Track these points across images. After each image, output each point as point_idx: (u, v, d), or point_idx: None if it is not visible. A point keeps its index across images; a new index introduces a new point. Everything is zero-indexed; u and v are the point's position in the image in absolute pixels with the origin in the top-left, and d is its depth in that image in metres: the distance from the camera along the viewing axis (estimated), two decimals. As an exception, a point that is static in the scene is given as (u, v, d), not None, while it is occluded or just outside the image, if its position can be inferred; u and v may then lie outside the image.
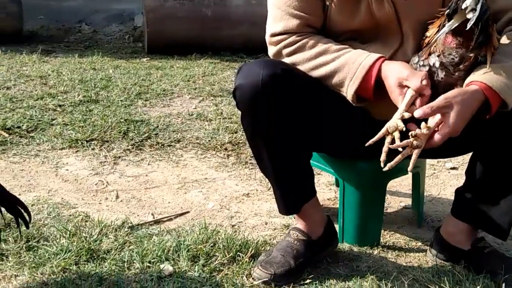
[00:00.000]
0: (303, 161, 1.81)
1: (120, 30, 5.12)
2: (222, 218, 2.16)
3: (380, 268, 1.83)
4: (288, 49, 1.71)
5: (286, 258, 1.76)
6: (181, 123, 2.99)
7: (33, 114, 2.94)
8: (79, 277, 1.71)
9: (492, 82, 1.54)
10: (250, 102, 1.67)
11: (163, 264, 1.79)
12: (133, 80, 3.59)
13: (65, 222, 2.03)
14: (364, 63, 1.63)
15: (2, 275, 1.72)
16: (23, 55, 4.04)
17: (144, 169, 2.53)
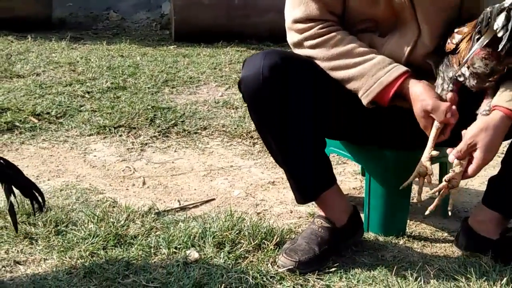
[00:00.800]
0: (315, 149, 1.80)
1: (147, 17, 5.14)
2: (247, 205, 2.17)
3: (406, 258, 1.82)
4: (310, 41, 1.70)
5: (311, 245, 1.76)
6: (207, 111, 3.00)
7: (62, 101, 2.98)
8: (107, 262, 1.73)
9: None
10: (252, 94, 1.68)
11: (189, 250, 1.81)
12: (160, 68, 3.61)
13: (93, 207, 2.05)
14: (382, 80, 1.64)
15: (32, 259, 1.75)
16: (52, 42, 4.08)
17: (170, 156, 2.55)
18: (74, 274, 1.68)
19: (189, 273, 1.68)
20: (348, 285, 1.68)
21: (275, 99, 1.67)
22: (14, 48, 3.86)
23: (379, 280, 1.70)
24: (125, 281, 1.66)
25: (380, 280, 1.70)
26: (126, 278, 1.67)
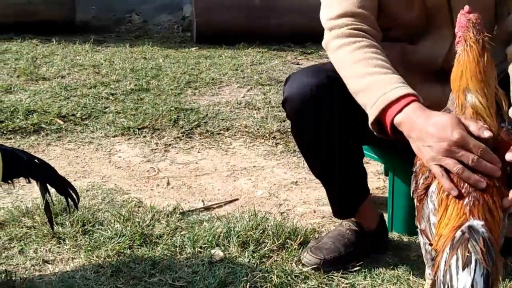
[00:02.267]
0: (356, 164, 1.79)
1: (169, 20, 5.16)
2: (270, 205, 2.16)
3: (426, 258, 1.82)
4: (338, 40, 1.58)
5: (336, 245, 1.77)
6: (230, 112, 3.00)
7: (86, 102, 3.00)
8: (133, 261, 1.75)
9: None
10: (299, 112, 1.66)
11: (213, 249, 1.81)
12: (183, 69, 3.62)
13: (118, 207, 2.07)
14: (386, 97, 1.43)
15: (60, 258, 1.77)
16: (76, 45, 4.12)
17: (194, 157, 2.56)
18: (101, 273, 1.69)
19: (214, 272, 1.70)
20: (373, 284, 1.68)
21: (321, 118, 1.65)
22: (39, 51, 3.90)
23: (404, 280, 1.69)
24: (152, 279, 1.67)
25: (404, 280, 1.69)
26: (153, 277, 1.68)
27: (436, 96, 1.66)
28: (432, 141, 1.32)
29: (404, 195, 1.93)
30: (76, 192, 1.52)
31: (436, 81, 1.72)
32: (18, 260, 1.75)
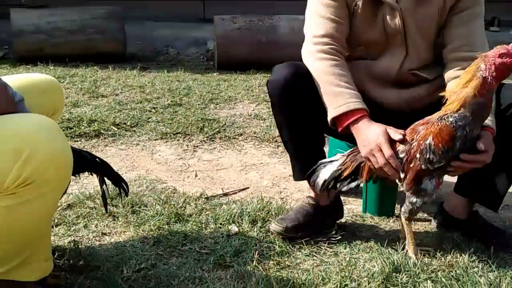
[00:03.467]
0: (315, 143, 1.75)
1: (196, 52, 5.17)
2: (273, 192, 2.16)
3: (395, 233, 1.81)
4: (321, 54, 1.63)
5: (297, 215, 1.75)
6: (242, 121, 3.00)
7: (134, 114, 3.01)
8: (169, 234, 1.76)
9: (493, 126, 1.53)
10: (277, 92, 1.67)
11: (230, 225, 1.82)
12: (207, 89, 3.62)
13: (158, 193, 2.07)
14: (350, 105, 1.57)
15: (114, 231, 1.79)
16: (126, 71, 4.13)
17: (215, 155, 2.56)
18: (145, 243, 1.70)
19: (231, 243, 1.70)
20: (351, 252, 1.68)
21: (291, 97, 1.65)
22: (99, 75, 3.91)
23: (375, 249, 1.69)
24: (183, 248, 1.68)
25: (375, 249, 1.69)
26: (184, 246, 1.69)
27: (392, 97, 1.74)
28: (364, 144, 1.54)
29: (375, 186, 1.93)
30: (126, 184, 1.53)
31: (392, 87, 1.73)
32: (83, 232, 1.76)
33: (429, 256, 1.64)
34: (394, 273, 1.53)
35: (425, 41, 1.67)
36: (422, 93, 1.72)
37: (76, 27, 4.36)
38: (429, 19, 1.64)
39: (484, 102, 1.42)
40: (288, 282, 1.48)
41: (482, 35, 1.64)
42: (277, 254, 1.65)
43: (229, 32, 4.37)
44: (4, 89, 1.24)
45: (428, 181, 1.53)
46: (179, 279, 1.50)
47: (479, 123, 1.46)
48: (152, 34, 5.44)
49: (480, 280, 1.50)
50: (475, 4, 1.63)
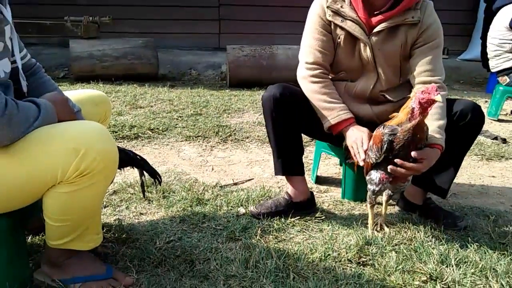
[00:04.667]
0: (293, 144, 1.74)
1: (213, 73, 5.15)
2: (272, 182, 2.15)
3: (366, 215, 1.79)
4: (313, 78, 1.66)
5: (271, 205, 1.74)
6: (248, 127, 2.99)
7: (165, 121, 2.99)
8: (192, 214, 1.75)
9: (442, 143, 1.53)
10: (268, 107, 1.68)
11: (239, 208, 1.81)
12: (221, 103, 3.61)
13: (183, 182, 2.07)
14: (342, 116, 1.62)
15: (149, 212, 1.78)
16: (159, 88, 4.12)
17: (227, 154, 2.56)
18: (173, 221, 1.70)
19: (240, 221, 1.69)
20: (333, 229, 1.67)
21: (280, 111, 1.66)
22: (137, 91, 3.90)
23: (351, 227, 1.69)
24: (203, 225, 1.68)
25: (352, 227, 1.69)
26: (203, 224, 1.69)
27: (367, 111, 1.75)
28: (351, 141, 1.61)
29: (351, 176, 1.92)
30: (160, 176, 1.53)
31: (366, 103, 1.74)
32: (125, 213, 1.76)
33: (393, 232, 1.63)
34: (366, 245, 1.53)
35: (391, 68, 1.67)
36: (389, 109, 1.72)
37: (120, 54, 4.36)
38: (394, 51, 1.64)
39: (413, 124, 1.43)
40: (284, 252, 1.47)
41: (440, 63, 1.63)
42: (275, 230, 1.65)
43: (238, 58, 4.36)
44: (66, 102, 1.24)
45: (375, 172, 1.54)
46: (200, 249, 1.49)
47: (409, 138, 1.44)
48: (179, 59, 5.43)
49: (433, 251, 1.50)
50: (435, 38, 1.62)
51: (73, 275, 1.23)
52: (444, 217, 1.71)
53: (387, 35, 1.62)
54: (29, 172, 1.06)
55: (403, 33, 1.61)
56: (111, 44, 4.40)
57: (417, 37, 1.61)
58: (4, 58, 1.17)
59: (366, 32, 1.63)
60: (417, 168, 1.46)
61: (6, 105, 1.02)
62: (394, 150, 1.46)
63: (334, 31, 1.66)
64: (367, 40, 1.63)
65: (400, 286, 1.33)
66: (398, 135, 1.44)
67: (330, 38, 1.66)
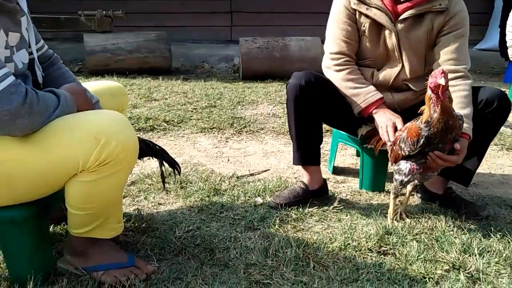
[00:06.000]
0: (314, 133, 1.72)
1: (226, 66, 5.14)
2: (288, 173, 2.15)
3: (385, 205, 1.78)
4: (337, 67, 1.67)
5: (289, 195, 1.73)
6: (263, 119, 2.98)
7: (180, 113, 3.00)
8: (210, 204, 1.75)
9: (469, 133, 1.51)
10: (293, 94, 1.66)
11: (256, 198, 1.81)
12: (235, 95, 3.60)
13: (200, 173, 2.07)
14: (369, 100, 1.63)
15: (168, 202, 1.79)
16: (172, 81, 4.13)
17: (243, 145, 2.55)
18: (191, 211, 1.70)
19: (258, 211, 1.69)
20: (351, 219, 1.66)
21: (304, 99, 1.65)
22: (152, 84, 3.92)
23: (370, 217, 1.67)
24: (221, 215, 1.68)
25: (371, 217, 1.67)
26: (221, 213, 1.69)
27: (388, 99, 1.71)
28: (382, 119, 1.61)
29: (369, 166, 1.90)
30: (179, 165, 1.53)
31: (388, 91, 1.71)
32: (144, 203, 1.77)
33: (413, 222, 1.61)
34: (386, 235, 1.51)
35: (416, 57, 1.65)
36: (410, 97, 1.70)
37: (133, 47, 4.37)
38: (419, 39, 1.61)
39: (439, 113, 1.38)
40: (303, 241, 1.47)
41: (465, 52, 1.60)
42: (293, 220, 1.64)
43: (251, 50, 4.34)
44: (84, 92, 1.24)
45: (404, 163, 1.51)
46: (219, 238, 1.49)
47: (443, 128, 1.41)
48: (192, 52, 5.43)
49: (455, 240, 1.47)
50: (461, 27, 1.59)
51: (95, 263, 1.24)
52: (465, 206, 1.68)
53: (413, 22, 1.59)
54: (51, 162, 1.07)
55: (429, 20, 1.59)
56: (125, 37, 4.42)
57: (444, 24, 1.58)
58: (22, 49, 1.17)
59: (392, 19, 1.60)
60: (454, 160, 1.45)
61: (27, 94, 1.02)
62: (432, 144, 1.43)
63: (359, 19, 1.65)
64: (392, 27, 1.61)
65: (422, 275, 1.31)
66: (433, 130, 1.40)
67: (355, 28, 1.65)
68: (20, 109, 1.00)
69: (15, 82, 1.01)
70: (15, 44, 1.14)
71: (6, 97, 0.98)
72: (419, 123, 1.44)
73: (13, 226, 1.18)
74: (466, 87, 1.54)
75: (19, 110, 1.00)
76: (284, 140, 2.62)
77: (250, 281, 1.27)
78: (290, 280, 1.28)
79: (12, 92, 0.99)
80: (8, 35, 1.10)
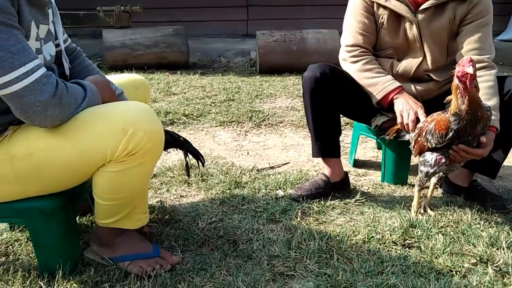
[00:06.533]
0: (332, 125, 1.71)
1: (242, 60, 5.13)
2: (308, 166, 2.13)
3: (408, 198, 1.76)
4: (353, 58, 1.65)
5: (310, 187, 1.72)
6: (282, 112, 2.97)
7: (199, 107, 3.01)
8: (231, 196, 1.75)
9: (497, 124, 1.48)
10: (307, 85, 1.64)
11: (277, 190, 1.81)
12: (253, 88, 3.59)
13: (221, 166, 2.07)
14: (387, 88, 1.61)
15: (190, 194, 1.80)
16: (190, 75, 4.14)
17: (262, 138, 2.55)
18: (213, 203, 1.71)
19: (279, 203, 1.69)
20: (374, 212, 1.64)
21: (320, 91, 1.63)
22: (170, 79, 3.94)
23: (394, 210, 1.65)
24: (243, 207, 1.68)
25: (394, 210, 1.65)
26: (243, 206, 1.69)
27: (409, 89, 1.68)
28: (404, 105, 1.58)
29: (392, 159, 1.88)
30: (203, 157, 1.54)
31: (410, 81, 1.69)
32: (166, 195, 1.79)
33: (437, 215, 1.58)
34: (411, 228, 1.49)
35: (438, 47, 1.61)
36: (432, 87, 1.67)
37: (151, 42, 4.40)
38: (441, 29, 1.58)
39: (467, 105, 1.35)
40: (326, 234, 1.46)
41: (489, 41, 1.56)
42: (315, 212, 1.63)
43: (268, 43, 4.31)
44: (108, 84, 1.26)
45: (430, 154, 1.48)
46: (241, 230, 1.50)
47: (472, 120, 1.37)
48: (208, 47, 5.44)
49: (482, 234, 1.44)
50: (484, 15, 1.55)
51: (122, 253, 1.26)
52: (491, 199, 1.64)
53: (435, 12, 1.56)
54: (80, 152, 1.08)
55: (451, 10, 1.55)
56: (143, 33, 4.45)
57: (466, 13, 1.54)
58: (49, 42, 1.19)
59: (412, 10, 1.57)
60: (480, 153, 1.42)
61: (57, 86, 1.04)
62: (462, 137, 1.40)
63: (377, 11, 1.62)
64: (413, 18, 1.57)
65: (449, 268, 1.29)
66: (462, 123, 1.37)
67: (372, 20, 1.63)
68: (51, 100, 1.02)
69: (46, 73, 1.03)
70: (44, 36, 1.15)
71: (38, 87, 1.00)
72: (448, 115, 1.40)
73: (42, 216, 1.20)
74: (491, 77, 1.50)
75: (49, 101, 1.02)
76: (303, 134, 2.60)
77: (274, 272, 1.27)
78: (314, 272, 1.28)
79: (44, 83, 1.01)
80: (39, 27, 1.12)
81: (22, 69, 0.98)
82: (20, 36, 1.00)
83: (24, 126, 1.12)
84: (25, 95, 0.99)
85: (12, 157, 1.09)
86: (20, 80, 0.98)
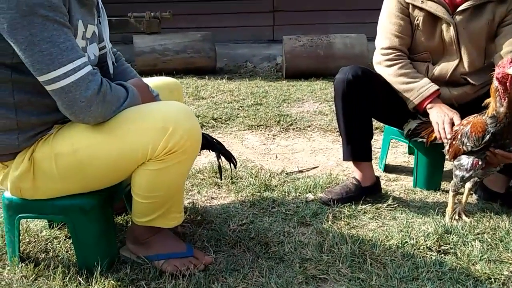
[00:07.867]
0: (364, 128, 1.69)
1: (268, 65, 5.15)
2: (337, 170, 2.12)
3: (442, 203, 1.72)
4: (388, 62, 1.63)
5: (341, 191, 1.70)
6: (309, 116, 2.96)
7: (227, 111, 3.04)
8: (261, 199, 1.77)
9: None
10: (339, 88, 1.63)
11: (307, 194, 1.80)
12: (280, 93, 3.60)
13: (250, 169, 2.09)
14: (423, 94, 1.59)
15: (220, 196, 1.82)
16: (218, 80, 4.18)
17: (290, 142, 2.55)
18: (244, 205, 1.72)
19: (309, 207, 1.69)
20: (407, 217, 1.62)
21: (352, 93, 1.62)
22: (198, 83, 3.99)
23: (427, 215, 1.62)
24: (273, 210, 1.68)
25: (427, 215, 1.62)
26: (273, 208, 1.70)
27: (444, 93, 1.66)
28: (439, 114, 1.56)
29: (424, 164, 1.84)
30: (235, 159, 1.55)
31: (445, 85, 1.66)
32: (197, 197, 1.81)
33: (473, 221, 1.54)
34: (446, 234, 1.46)
35: (476, 49, 1.58)
36: (468, 91, 1.63)
37: (180, 48, 4.48)
38: (480, 31, 1.55)
39: (505, 107, 1.32)
40: (358, 238, 1.44)
41: None
42: (346, 217, 1.62)
43: (295, 48, 4.32)
44: (147, 87, 1.30)
45: (466, 158, 1.44)
46: (272, 232, 1.50)
47: (509, 127, 1.34)
48: (235, 52, 5.49)
49: (522, 241, 1.40)
50: None
51: (157, 252, 1.29)
52: (530, 206, 1.59)
53: (473, 13, 1.53)
54: (122, 150, 1.12)
55: (490, 10, 1.52)
56: (172, 38, 4.53)
57: (506, 14, 1.51)
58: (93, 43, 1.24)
59: (449, 11, 1.55)
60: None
61: (102, 84, 1.08)
62: (499, 141, 1.37)
63: (412, 13, 1.60)
64: (450, 19, 1.55)
65: (487, 275, 1.25)
66: (499, 125, 1.35)
67: (408, 22, 1.61)
68: (95, 97, 1.06)
69: (92, 71, 1.07)
70: (89, 36, 1.20)
71: (84, 84, 1.04)
72: (485, 118, 1.37)
73: (82, 213, 1.24)
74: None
75: (94, 97, 1.05)
76: (332, 138, 2.59)
77: (306, 275, 1.27)
78: (347, 276, 1.26)
79: (90, 80, 1.05)
80: (87, 27, 1.16)
81: (70, 65, 1.02)
82: (70, 34, 1.05)
83: (68, 125, 1.16)
84: (71, 91, 1.03)
85: (56, 155, 1.13)
86: (67, 76, 1.03)
